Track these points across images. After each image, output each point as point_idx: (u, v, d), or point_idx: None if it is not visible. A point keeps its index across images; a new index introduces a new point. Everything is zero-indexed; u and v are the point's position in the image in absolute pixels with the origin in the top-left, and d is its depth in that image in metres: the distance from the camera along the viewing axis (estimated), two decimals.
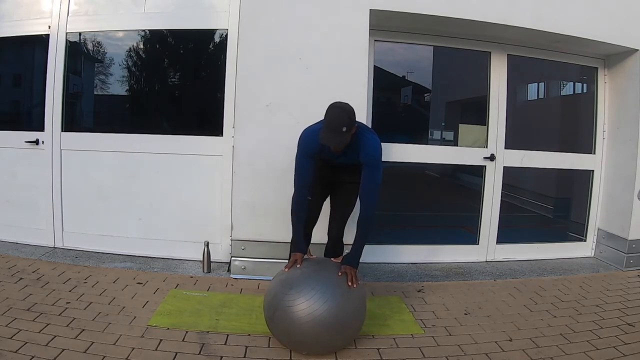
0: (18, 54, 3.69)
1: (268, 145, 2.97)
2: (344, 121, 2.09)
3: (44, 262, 3.13)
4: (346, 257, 2.25)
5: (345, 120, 2.09)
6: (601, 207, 3.85)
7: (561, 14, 3.23)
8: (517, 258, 3.73)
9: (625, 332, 2.45)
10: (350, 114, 2.13)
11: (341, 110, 2.13)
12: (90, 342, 2.09)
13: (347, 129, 2.09)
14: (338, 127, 2.08)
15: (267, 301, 2.13)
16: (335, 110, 2.13)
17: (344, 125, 2.08)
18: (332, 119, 2.10)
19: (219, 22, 3.24)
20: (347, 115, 2.11)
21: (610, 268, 3.62)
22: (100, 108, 3.70)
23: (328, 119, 2.12)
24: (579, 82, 4.44)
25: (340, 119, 2.09)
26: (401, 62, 4.05)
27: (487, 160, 3.62)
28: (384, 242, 3.54)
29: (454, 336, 2.36)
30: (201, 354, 2.06)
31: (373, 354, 2.15)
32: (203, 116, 3.53)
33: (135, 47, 3.44)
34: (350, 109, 2.16)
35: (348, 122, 2.10)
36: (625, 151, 3.61)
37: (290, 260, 2.22)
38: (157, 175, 3.31)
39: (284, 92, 2.97)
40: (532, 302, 2.85)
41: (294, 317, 1.98)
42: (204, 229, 3.29)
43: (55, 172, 3.38)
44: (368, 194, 2.22)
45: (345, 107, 2.15)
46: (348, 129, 2.10)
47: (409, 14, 3.03)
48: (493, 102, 3.61)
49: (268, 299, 2.13)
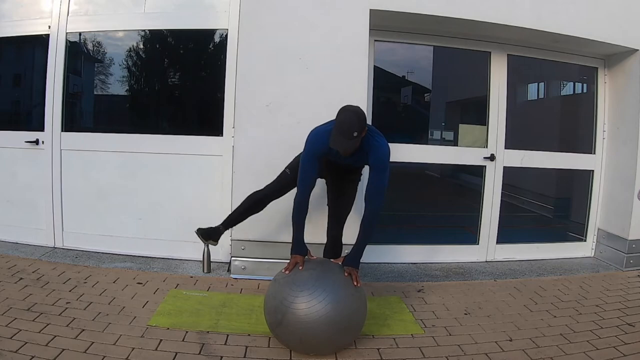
0: (18, 54, 3.69)
1: (268, 145, 2.97)
2: (355, 126, 2.05)
3: (44, 262, 3.13)
4: (348, 258, 2.24)
5: (355, 125, 2.05)
6: (601, 207, 3.85)
7: (561, 14, 3.23)
8: (517, 258, 3.73)
9: (625, 332, 2.45)
10: (362, 119, 2.10)
11: (353, 114, 2.09)
12: (90, 342, 2.09)
13: (357, 133, 2.05)
14: (349, 132, 2.04)
15: (273, 305, 2.08)
16: (347, 114, 2.09)
17: (355, 130, 2.05)
18: (344, 123, 2.06)
19: (219, 22, 3.24)
20: (357, 120, 2.07)
21: (610, 268, 3.62)
22: (100, 108, 3.70)
23: (339, 123, 2.08)
24: (579, 82, 4.43)
25: (351, 123, 2.05)
26: (401, 62, 4.04)
27: (487, 160, 3.62)
28: (384, 242, 3.53)
29: (454, 336, 2.36)
30: (201, 354, 2.06)
31: (373, 354, 2.15)
32: (203, 116, 3.53)
33: (135, 47, 3.44)
34: (362, 113, 2.13)
35: (359, 127, 2.06)
36: (625, 151, 3.61)
37: (291, 262, 2.18)
38: (157, 175, 3.31)
39: (284, 92, 2.96)
40: (532, 302, 2.85)
41: (307, 319, 1.96)
42: None
43: (55, 172, 3.38)
44: (374, 196, 2.20)
45: (356, 111, 2.11)
46: (359, 133, 2.06)
47: (408, 14, 3.03)
48: (493, 102, 3.61)
49: (274, 303, 2.07)
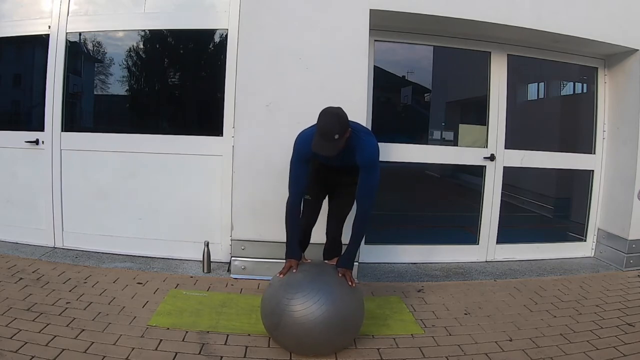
0: (18, 54, 3.69)
1: (268, 145, 2.97)
2: (335, 128, 2.02)
3: (44, 262, 3.13)
4: (341, 259, 2.26)
5: (336, 127, 2.02)
6: (601, 207, 3.85)
7: (561, 14, 3.23)
8: (517, 258, 3.73)
9: (625, 332, 2.45)
10: (341, 120, 2.06)
11: (331, 116, 2.06)
12: (90, 342, 2.09)
13: (339, 135, 2.02)
14: (330, 135, 2.02)
15: (269, 309, 2.08)
16: (326, 118, 2.06)
17: (336, 133, 2.01)
18: (323, 126, 2.03)
19: (219, 22, 3.24)
20: (338, 122, 2.04)
21: (610, 268, 3.62)
22: (100, 108, 3.70)
23: (319, 126, 2.05)
24: (579, 82, 4.43)
25: (331, 126, 2.02)
26: (401, 62, 4.05)
27: (487, 160, 3.62)
28: (384, 242, 3.54)
29: (454, 336, 2.36)
30: (201, 354, 2.06)
31: (373, 354, 2.15)
32: (203, 116, 3.53)
33: (135, 47, 3.44)
34: (342, 114, 2.09)
35: (339, 129, 2.02)
36: (625, 151, 3.61)
37: (285, 266, 2.20)
38: (157, 175, 3.31)
39: (284, 92, 2.96)
40: (532, 302, 2.85)
41: (303, 320, 1.97)
42: (204, 229, 3.29)
43: (55, 172, 3.37)
44: (364, 196, 2.21)
45: (335, 113, 2.07)
46: (340, 135, 2.03)
47: (408, 14, 3.03)
48: (493, 102, 3.61)
49: (271, 305, 2.07)
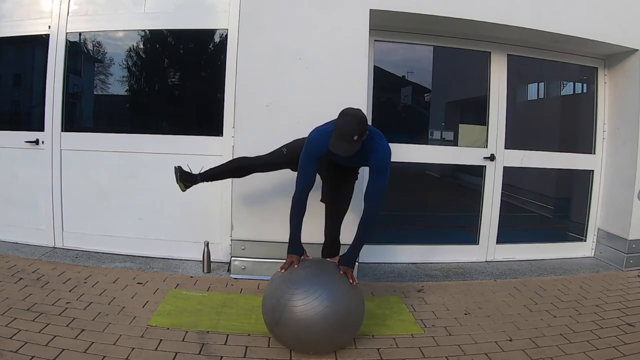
0: (18, 54, 3.69)
1: (268, 145, 2.94)
2: (355, 130, 2.02)
3: (44, 262, 3.13)
4: (343, 258, 2.25)
5: (356, 129, 2.03)
6: (601, 207, 3.85)
7: (561, 14, 3.23)
8: (517, 258, 3.73)
9: (625, 332, 2.45)
10: (362, 122, 2.07)
11: (353, 118, 2.06)
12: (90, 342, 2.09)
13: (358, 137, 2.03)
14: (349, 136, 2.02)
15: (270, 304, 2.08)
16: (347, 119, 2.06)
17: (356, 134, 2.02)
18: (344, 127, 2.04)
19: (219, 22, 3.24)
20: (358, 124, 2.04)
21: (610, 268, 3.62)
22: (100, 108, 3.70)
23: (339, 126, 2.06)
24: (579, 82, 4.43)
25: (351, 127, 2.02)
26: (401, 62, 4.05)
27: (487, 160, 3.62)
28: (384, 242, 3.54)
29: (454, 336, 2.36)
30: (201, 354, 2.06)
31: (373, 354, 2.15)
32: (203, 116, 3.53)
33: (135, 47, 3.44)
34: (363, 116, 2.11)
35: (359, 131, 2.03)
36: (625, 151, 3.61)
37: (287, 262, 2.19)
38: (157, 175, 3.30)
39: (284, 92, 2.96)
40: (532, 302, 2.85)
41: (304, 316, 1.96)
42: (204, 229, 3.29)
43: (55, 172, 3.37)
44: (373, 197, 2.19)
45: (357, 115, 2.08)
46: (359, 137, 2.04)
47: (408, 14, 3.03)
48: (493, 102, 3.61)
49: (272, 302, 2.07)
